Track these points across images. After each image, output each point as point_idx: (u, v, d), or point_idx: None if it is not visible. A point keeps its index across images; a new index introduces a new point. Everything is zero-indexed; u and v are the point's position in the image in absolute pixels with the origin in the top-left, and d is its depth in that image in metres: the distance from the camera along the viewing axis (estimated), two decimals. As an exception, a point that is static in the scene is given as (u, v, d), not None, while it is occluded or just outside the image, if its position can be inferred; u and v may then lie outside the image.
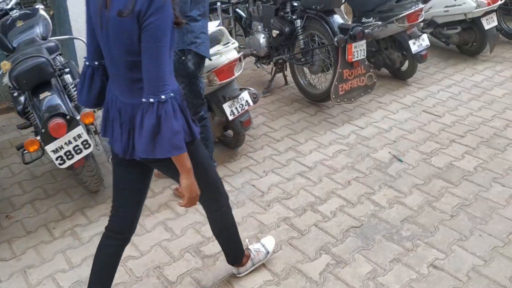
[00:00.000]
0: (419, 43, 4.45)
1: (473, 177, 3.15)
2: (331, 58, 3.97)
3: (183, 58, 2.64)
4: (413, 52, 4.41)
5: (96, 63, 1.81)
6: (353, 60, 3.75)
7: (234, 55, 3.15)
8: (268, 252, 2.42)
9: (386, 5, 4.37)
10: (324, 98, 4.13)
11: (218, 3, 4.72)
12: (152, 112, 1.58)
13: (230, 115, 3.19)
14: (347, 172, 3.25)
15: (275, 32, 4.23)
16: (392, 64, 4.66)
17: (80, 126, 2.60)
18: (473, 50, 5.41)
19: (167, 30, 1.56)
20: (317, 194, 3.03)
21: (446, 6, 5.15)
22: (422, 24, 5.48)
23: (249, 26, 4.69)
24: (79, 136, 2.60)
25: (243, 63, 3.32)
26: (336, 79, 3.76)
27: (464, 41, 5.38)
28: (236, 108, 3.22)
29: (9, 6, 3.42)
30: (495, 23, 5.16)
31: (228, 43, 3.18)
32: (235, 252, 2.28)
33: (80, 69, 3.08)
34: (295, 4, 4.18)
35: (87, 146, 2.64)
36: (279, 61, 4.42)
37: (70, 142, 2.59)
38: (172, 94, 1.61)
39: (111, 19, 1.57)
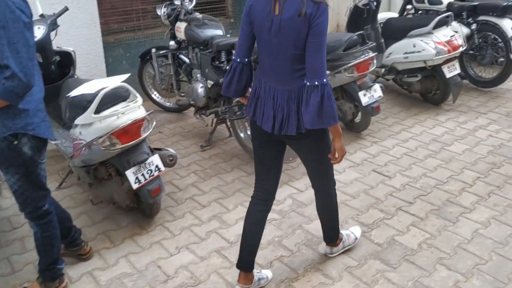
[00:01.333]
0: (371, 95, 4.09)
1: (416, 257, 2.71)
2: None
3: (15, 143, 2.07)
4: (364, 104, 4.05)
5: (246, 60, 2.20)
6: (289, 116, 3.35)
7: (138, 114, 2.75)
8: (356, 238, 2.78)
9: (333, 53, 4.01)
10: (265, 154, 3.71)
11: (153, 50, 4.39)
12: (317, 92, 1.98)
13: (135, 183, 2.76)
14: (271, 250, 2.80)
15: (209, 83, 3.85)
16: (344, 116, 4.28)
17: None
18: (437, 99, 5.08)
19: (327, 28, 1.97)
20: (230, 280, 2.56)
21: (405, 53, 4.86)
22: (383, 70, 5.18)
23: (190, 73, 4.32)
24: None
25: (154, 122, 2.91)
26: (270, 137, 3.36)
27: (426, 89, 5.05)
28: (143, 174, 2.79)
29: None
30: (458, 71, 4.84)
31: (133, 100, 2.79)
32: (332, 232, 2.63)
33: None
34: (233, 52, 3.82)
35: None
36: (215, 113, 4.02)
37: None
38: (328, 79, 2.00)
39: (283, 21, 1.97)
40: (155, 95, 4.99)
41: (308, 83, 1.99)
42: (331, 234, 2.65)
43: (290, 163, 3.71)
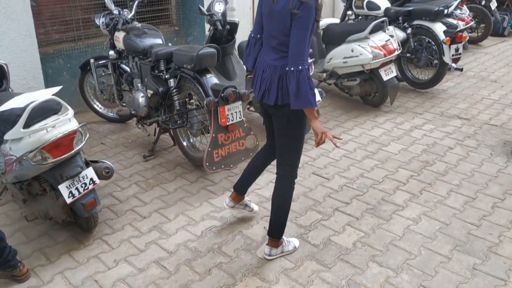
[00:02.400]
0: (310, 99, 4.19)
1: (350, 256, 2.81)
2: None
3: None
4: (304, 109, 4.14)
5: (258, 36, 2.61)
6: (228, 123, 3.40)
7: (69, 127, 2.71)
8: (295, 247, 2.85)
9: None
10: (207, 162, 3.74)
11: (91, 60, 4.34)
12: (294, 77, 2.33)
13: (69, 197, 2.72)
14: (211, 257, 2.83)
15: (149, 92, 3.84)
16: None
17: None
18: (376, 101, 5.28)
19: (309, 24, 2.30)
20: (168, 290, 2.57)
21: (344, 57, 5.01)
22: (325, 75, 5.32)
23: (131, 83, 4.29)
24: None
25: (87, 135, 2.88)
26: (210, 145, 3.40)
27: (365, 92, 5.24)
28: (76, 188, 2.75)
29: None
30: (394, 74, 5.05)
31: (64, 113, 2.75)
32: (278, 225, 2.74)
33: None
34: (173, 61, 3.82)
35: None
36: (157, 122, 4.02)
37: None
38: (306, 67, 2.33)
39: (275, 11, 2.36)
40: (97, 106, 4.91)
41: (286, 68, 2.36)
42: (277, 228, 2.74)
43: (232, 169, 3.75)
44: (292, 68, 2.33)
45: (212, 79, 3.54)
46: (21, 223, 3.18)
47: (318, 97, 4.26)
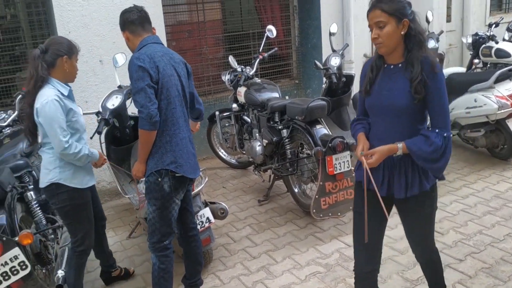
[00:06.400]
0: (424, 150, 4.11)
1: (458, 316, 2.66)
2: (319, 168, 3.78)
3: (159, 179, 2.54)
4: (417, 160, 4.07)
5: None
6: (335, 172, 3.52)
7: (191, 171, 3.09)
8: None
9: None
10: (317, 209, 3.87)
11: (217, 112, 4.84)
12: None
13: (188, 233, 3.06)
14: (312, 301, 2.91)
15: (265, 141, 4.16)
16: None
17: (17, 248, 2.60)
18: (504, 154, 4.92)
19: None
20: (268, 328, 2.70)
21: (467, 108, 4.83)
22: (446, 125, 5.14)
23: (251, 133, 4.68)
24: (16, 257, 2.60)
25: (206, 178, 3.24)
26: (317, 193, 3.53)
27: (492, 143, 4.93)
28: (195, 225, 3.09)
29: (5, 123, 3.71)
30: (524, 125, 4.68)
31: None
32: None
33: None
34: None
35: (24, 267, 2.62)
36: (270, 169, 4.29)
37: (6, 263, 2.59)
38: None
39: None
40: (222, 153, 5.40)
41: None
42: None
43: (341, 218, 3.81)
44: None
45: (321, 130, 3.72)
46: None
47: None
